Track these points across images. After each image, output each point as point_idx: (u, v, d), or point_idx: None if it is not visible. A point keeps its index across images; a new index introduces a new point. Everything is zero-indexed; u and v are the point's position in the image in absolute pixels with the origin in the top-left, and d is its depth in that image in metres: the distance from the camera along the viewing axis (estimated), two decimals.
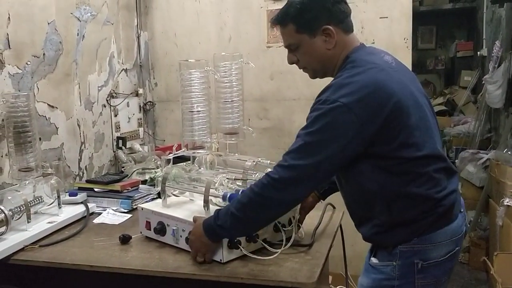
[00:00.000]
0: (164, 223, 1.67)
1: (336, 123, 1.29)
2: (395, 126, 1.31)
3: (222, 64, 1.81)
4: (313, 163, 1.31)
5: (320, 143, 1.31)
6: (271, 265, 1.50)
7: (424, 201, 1.35)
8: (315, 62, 1.48)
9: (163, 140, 3.20)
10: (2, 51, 1.95)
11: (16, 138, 1.85)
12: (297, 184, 1.34)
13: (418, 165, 1.33)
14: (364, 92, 1.29)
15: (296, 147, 1.34)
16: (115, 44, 2.78)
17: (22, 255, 1.66)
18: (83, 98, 2.49)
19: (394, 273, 1.38)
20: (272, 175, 1.35)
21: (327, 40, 1.43)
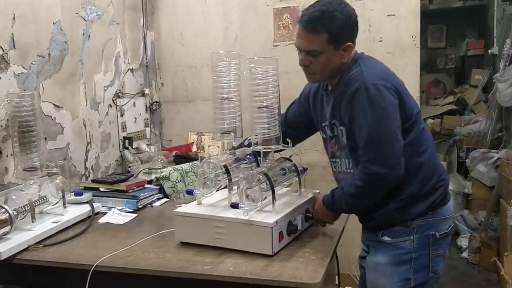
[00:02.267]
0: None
1: (389, 102, 1.50)
2: (404, 101, 1.55)
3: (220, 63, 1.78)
4: (392, 147, 1.51)
5: (387, 125, 1.50)
6: (274, 265, 1.49)
7: (435, 172, 1.61)
8: (327, 71, 1.62)
9: (170, 140, 3.20)
10: (7, 51, 1.95)
11: (21, 137, 1.85)
12: (393, 169, 1.52)
13: (422, 137, 1.60)
14: (388, 75, 1.57)
15: (371, 140, 1.52)
16: (121, 44, 2.78)
17: (27, 254, 1.66)
18: (89, 98, 2.49)
19: (412, 247, 1.58)
20: (370, 171, 1.53)
21: (344, 54, 1.59)
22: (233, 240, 1.59)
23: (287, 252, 1.58)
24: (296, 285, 1.38)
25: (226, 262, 1.52)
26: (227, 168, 1.72)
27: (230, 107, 1.78)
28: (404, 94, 1.56)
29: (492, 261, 3.33)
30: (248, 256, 1.55)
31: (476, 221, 3.92)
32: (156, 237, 1.80)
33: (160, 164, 2.66)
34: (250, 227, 1.56)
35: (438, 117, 5.33)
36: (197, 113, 3.12)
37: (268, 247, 1.54)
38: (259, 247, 1.55)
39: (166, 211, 2.11)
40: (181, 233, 1.69)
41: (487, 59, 5.36)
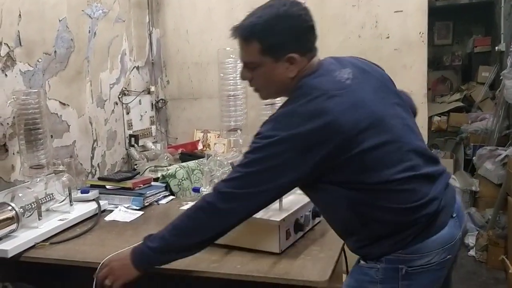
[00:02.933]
0: None
1: (273, 158, 1.23)
2: (344, 156, 1.22)
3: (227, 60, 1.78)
4: (246, 194, 1.27)
5: (256, 176, 1.26)
6: (282, 262, 1.48)
7: (400, 213, 1.25)
8: (271, 86, 1.39)
9: (176, 138, 3.19)
10: (13, 49, 1.95)
11: (27, 135, 1.85)
12: (230, 213, 1.29)
13: (383, 183, 1.24)
14: (305, 126, 1.21)
15: (232, 177, 1.30)
16: (126, 42, 2.77)
17: (33, 252, 1.66)
18: (95, 95, 2.49)
19: (377, 277, 1.29)
20: (208, 199, 1.31)
21: (289, 68, 1.33)
22: (240, 238, 1.58)
23: (294, 250, 1.57)
24: (304, 283, 1.37)
25: (233, 260, 1.51)
26: (234, 165, 1.71)
27: (237, 104, 1.78)
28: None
29: (500, 259, 3.30)
30: (255, 254, 1.54)
31: (484, 219, 3.90)
32: None
33: (166, 162, 2.66)
34: (257, 224, 1.55)
35: (444, 114, 5.31)
36: (202, 110, 3.11)
37: (275, 245, 1.53)
38: (266, 245, 1.54)
39: (172, 209, 2.11)
40: None
41: (494, 56, 5.32)
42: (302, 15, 1.33)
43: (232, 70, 1.75)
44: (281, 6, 1.32)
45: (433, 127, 5.27)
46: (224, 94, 1.77)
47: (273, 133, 1.23)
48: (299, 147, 1.22)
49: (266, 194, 1.27)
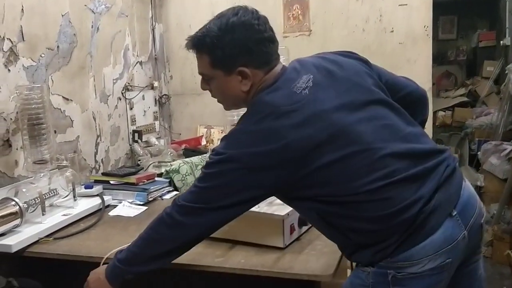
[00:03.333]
0: None
1: (224, 175, 1.21)
2: (302, 173, 1.17)
3: None
4: (199, 209, 1.25)
5: (208, 192, 1.24)
6: (286, 257, 1.47)
7: (375, 221, 1.17)
8: (227, 99, 1.37)
9: (179, 134, 3.19)
10: (16, 44, 1.94)
11: (31, 130, 1.85)
12: (187, 226, 1.28)
13: (352, 195, 1.17)
14: (256, 146, 1.18)
15: (189, 191, 1.29)
16: (129, 37, 2.76)
17: (37, 247, 1.66)
18: (98, 91, 2.48)
19: (367, 281, 1.21)
20: (167, 210, 1.31)
21: (242, 81, 1.28)
22: (244, 233, 1.57)
23: (298, 245, 1.57)
24: (308, 277, 1.37)
25: (237, 255, 1.51)
26: None
27: None
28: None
29: (505, 254, 3.29)
30: (259, 248, 1.53)
31: (489, 214, 3.88)
32: None
33: (170, 157, 2.65)
34: (261, 219, 1.54)
35: (449, 109, 5.29)
36: (206, 106, 3.10)
37: (280, 240, 1.52)
38: (271, 240, 1.54)
39: None
40: None
41: (499, 51, 5.30)
42: (255, 25, 1.26)
43: None
44: (232, 16, 1.27)
45: (437, 122, 5.25)
46: None
47: (224, 150, 1.22)
48: (250, 166, 1.18)
49: (220, 211, 1.25)
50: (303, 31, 2.82)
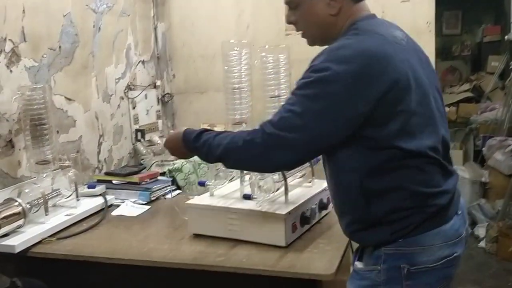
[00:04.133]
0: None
1: (325, 96, 1.13)
2: (391, 108, 1.14)
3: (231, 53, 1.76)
4: (294, 137, 1.17)
5: (304, 117, 1.15)
6: (288, 256, 1.47)
7: (411, 196, 1.18)
8: (314, 26, 1.30)
9: None
10: (18, 44, 1.95)
11: (33, 131, 1.85)
12: (275, 155, 1.20)
13: (409, 156, 1.16)
14: (359, 61, 1.13)
15: (279, 117, 1.19)
16: (132, 36, 2.76)
17: (40, 247, 1.66)
18: (101, 90, 2.48)
19: (379, 279, 1.20)
20: (255, 137, 1.22)
21: (330, 3, 1.25)
22: (246, 232, 1.58)
23: (301, 243, 1.57)
24: (310, 276, 1.37)
25: (239, 254, 1.51)
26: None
27: (242, 97, 1.77)
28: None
29: (510, 250, 3.28)
30: (261, 247, 1.53)
31: (494, 210, 3.86)
32: (170, 229, 1.80)
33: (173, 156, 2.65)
34: (263, 218, 1.54)
35: (454, 105, 5.26)
36: (209, 104, 3.09)
37: (282, 238, 1.52)
38: (272, 238, 1.54)
39: (179, 203, 2.10)
40: (194, 225, 1.68)
41: (504, 45, 5.25)
42: None
43: (237, 63, 1.74)
44: None
45: None
46: (229, 87, 1.76)
47: (326, 65, 1.14)
48: (353, 84, 1.12)
49: (316, 140, 1.17)
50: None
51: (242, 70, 1.76)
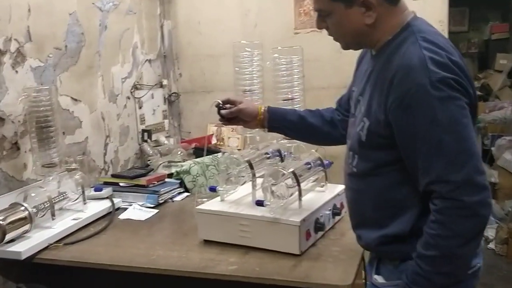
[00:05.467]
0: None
1: (458, 106, 1.07)
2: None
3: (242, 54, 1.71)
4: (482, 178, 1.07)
5: (466, 143, 1.07)
6: (302, 265, 1.43)
7: None
8: (348, 35, 1.23)
9: (189, 132, 3.14)
10: (23, 44, 1.90)
11: (39, 133, 1.81)
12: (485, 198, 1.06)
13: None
14: (459, 71, 1.08)
15: (452, 164, 1.06)
16: (138, 34, 2.71)
17: (47, 253, 1.63)
18: (107, 90, 2.44)
19: None
20: (456, 202, 1.06)
21: (366, 13, 1.16)
22: (258, 239, 1.53)
23: (314, 251, 1.52)
24: (326, 287, 1.32)
25: (251, 262, 1.47)
26: (251, 163, 1.66)
27: (253, 99, 1.72)
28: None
29: None
30: (274, 255, 1.49)
31: (503, 211, 3.81)
32: (178, 235, 1.76)
33: (180, 157, 2.61)
34: (276, 225, 1.50)
35: None
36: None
37: (295, 246, 1.48)
38: (286, 246, 1.49)
39: (187, 206, 2.07)
40: (204, 231, 1.64)
41: None
42: None
43: (248, 64, 1.69)
44: None
45: None
46: (239, 89, 1.71)
47: (446, 74, 1.06)
48: (464, 96, 1.08)
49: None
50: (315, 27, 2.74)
51: (253, 71, 1.71)
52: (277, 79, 1.64)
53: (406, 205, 1.18)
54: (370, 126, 1.19)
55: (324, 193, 1.73)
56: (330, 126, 1.53)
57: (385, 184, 1.20)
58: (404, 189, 1.18)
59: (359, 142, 1.23)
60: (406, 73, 1.09)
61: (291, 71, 1.63)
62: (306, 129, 1.54)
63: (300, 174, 1.61)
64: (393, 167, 1.19)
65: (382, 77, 1.16)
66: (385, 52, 1.19)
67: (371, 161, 1.22)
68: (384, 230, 1.22)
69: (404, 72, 1.09)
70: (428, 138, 1.07)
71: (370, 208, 1.25)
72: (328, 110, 1.57)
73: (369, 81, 1.24)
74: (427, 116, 1.06)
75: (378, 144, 1.19)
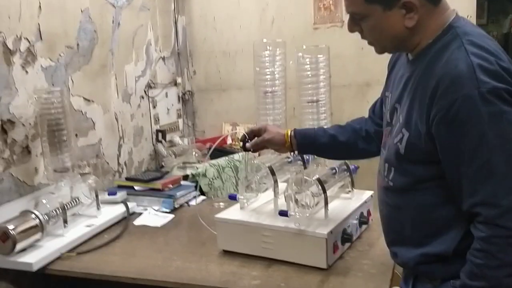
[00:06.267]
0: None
1: (510, 122, 0.96)
2: None
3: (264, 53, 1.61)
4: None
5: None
6: (330, 280, 1.34)
7: None
8: (386, 39, 1.12)
9: (203, 132, 3.06)
10: (33, 43, 1.82)
11: (51, 137, 1.74)
12: None
13: None
14: (510, 79, 0.97)
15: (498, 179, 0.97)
16: (152, 31, 2.62)
17: (60, 264, 1.55)
18: (120, 90, 2.36)
19: None
20: (503, 230, 0.96)
21: (406, 15, 1.05)
22: (282, 251, 1.44)
23: (342, 265, 1.43)
24: None
25: (275, 276, 1.38)
26: (272, 169, 1.56)
27: (275, 101, 1.63)
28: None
29: None
30: (299, 269, 1.40)
31: None
32: (197, 243, 1.67)
33: (195, 158, 2.52)
34: (301, 237, 1.41)
35: None
36: (231, 102, 2.96)
37: (322, 260, 1.39)
38: (312, 260, 1.40)
39: (204, 212, 1.98)
40: (224, 241, 1.55)
41: None
42: None
43: (270, 64, 1.59)
44: None
45: None
46: (260, 90, 1.62)
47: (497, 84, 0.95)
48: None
49: None
50: (335, 22, 2.64)
51: (275, 71, 1.61)
52: (301, 80, 1.54)
53: (449, 223, 1.08)
54: (410, 138, 1.08)
55: (350, 201, 1.64)
56: (365, 142, 1.41)
57: (426, 201, 1.10)
58: (448, 206, 1.08)
59: (397, 155, 1.12)
60: (451, 83, 0.98)
61: (316, 71, 1.52)
62: (339, 149, 1.43)
63: (325, 180, 1.51)
64: (434, 183, 1.08)
65: (423, 85, 1.06)
66: (425, 57, 1.08)
67: (410, 175, 1.11)
68: (424, 249, 1.12)
69: (449, 81, 0.98)
70: (475, 158, 0.97)
71: (409, 225, 1.14)
72: (360, 122, 1.45)
73: (406, 88, 1.14)
74: (475, 133, 0.96)
75: (418, 158, 1.08)
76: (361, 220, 1.61)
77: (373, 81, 2.54)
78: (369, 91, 2.59)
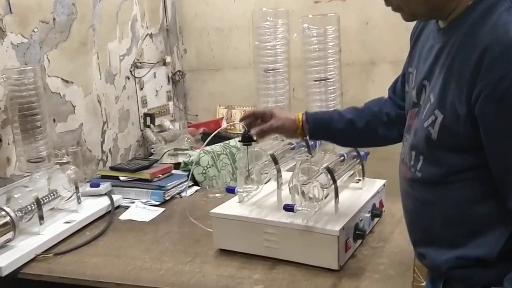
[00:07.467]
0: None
1: None
2: None
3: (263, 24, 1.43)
4: None
5: None
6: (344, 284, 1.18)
7: None
8: (418, 4, 0.94)
9: (196, 115, 2.87)
10: (2, 17, 1.63)
11: (23, 122, 1.54)
12: None
13: None
14: None
15: None
16: (137, 6, 2.44)
17: (34, 266, 1.37)
18: (103, 70, 2.17)
19: None
20: None
21: None
22: (287, 251, 1.27)
23: (355, 265, 1.26)
24: None
25: (279, 279, 1.21)
26: (275, 157, 1.38)
27: (277, 80, 1.45)
28: None
29: None
30: (307, 270, 1.24)
31: None
32: (190, 241, 1.49)
33: (187, 143, 2.35)
34: (309, 234, 1.24)
35: None
36: (226, 83, 2.78)
37: (334, 260, 1.22)
38: (322, 260, 1.23)
39: (198, 203, 1.80)
40: (221, 239, 1.38)
41: None
42: None
43: (271, 37, 1.40)
44: None
45: None
46: (260, 67, 1.43)
47: None
48: None
49: None
50: None
51: (277, 45, 1.43)
52: (307, 55, 1.36)
53: (490, 222, 0.91)
54: (445, 121, 0.90)
55: (361, 191, 1.47)
56: (385, 128, 1.23)
57: (464, 195, 0.93)
58: (488, 202, 0.91)
59: (427, 141, 0.94)
60: (501, 52, 0.80)
61: (324, 45, 1.33)
62: (356, 136, 1.25)
63: (334, 169, 1.33)
64: (473, 174, 0.91)
65: (461, 57, 0.88)
66: (464, 23, 0.90)
67: (443, 165, 0.93)
68: (460, 251, 0.94)
69: (499, 50, 0.80)
70: None
71: (440, 223, 0.97)
72: (380, 104, 1.26)
73: (438, 61, 0.95)
74: None
75: (455, 145, 0.91)
76: (374, 212, 1.44)
77: (379, 59, 2.36)
78: (374, 70, 2.41)
